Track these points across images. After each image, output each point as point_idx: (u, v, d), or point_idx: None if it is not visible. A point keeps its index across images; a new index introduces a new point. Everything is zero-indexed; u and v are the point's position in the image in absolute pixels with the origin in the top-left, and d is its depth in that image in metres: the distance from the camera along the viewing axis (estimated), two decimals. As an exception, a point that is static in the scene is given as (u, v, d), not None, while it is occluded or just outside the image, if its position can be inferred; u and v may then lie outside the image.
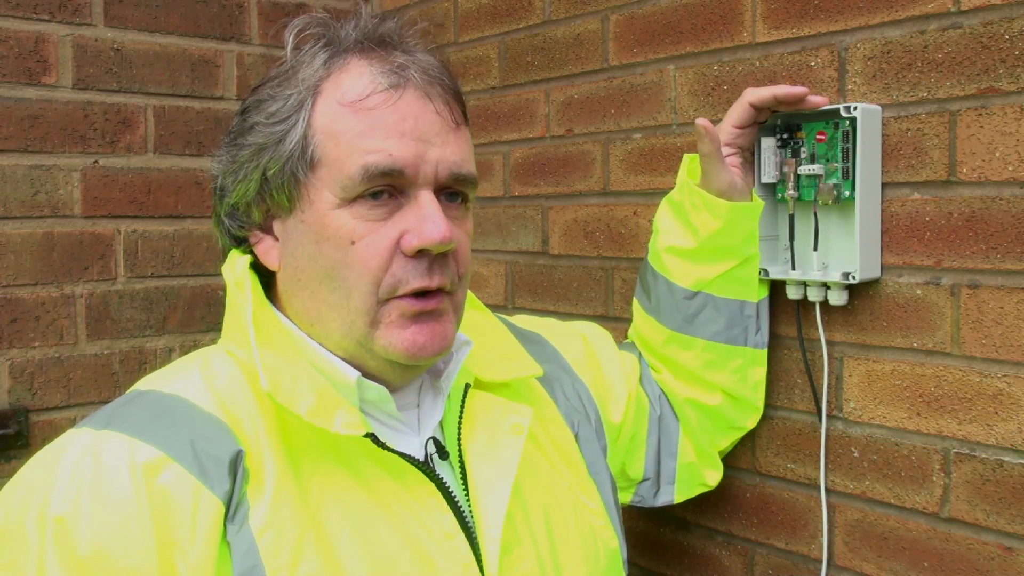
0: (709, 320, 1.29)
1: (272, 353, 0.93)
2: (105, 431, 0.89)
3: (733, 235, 1.27)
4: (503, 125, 1.82)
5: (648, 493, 1.32)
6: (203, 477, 0.86)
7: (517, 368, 1.11)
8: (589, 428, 1.20)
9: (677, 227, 1.30)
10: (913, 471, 1.23)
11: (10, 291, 1.72)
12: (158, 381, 0.97)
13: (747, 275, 1.30)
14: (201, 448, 0.88)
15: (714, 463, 1.38)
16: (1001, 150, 1.13)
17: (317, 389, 0.92)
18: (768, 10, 1.36)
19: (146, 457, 0.86)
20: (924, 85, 1.19)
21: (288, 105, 0.96)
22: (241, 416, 0.92)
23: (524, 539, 1.01)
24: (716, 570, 1.48)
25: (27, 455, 1.71)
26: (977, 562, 1.17)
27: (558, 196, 1.72)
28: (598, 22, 1.62)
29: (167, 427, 0.89)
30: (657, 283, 1.32)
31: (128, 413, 0.92)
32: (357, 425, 0.91)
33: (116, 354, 1.83)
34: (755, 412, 1.36)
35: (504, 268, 1.85)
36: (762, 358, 1.34)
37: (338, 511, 0.91)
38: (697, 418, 1.34)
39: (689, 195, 1.28)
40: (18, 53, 1.71)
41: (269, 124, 0.97)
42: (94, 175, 1.80)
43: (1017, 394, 1.13)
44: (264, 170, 0.97)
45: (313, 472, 0.92)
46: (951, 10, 1.17)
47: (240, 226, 1.02)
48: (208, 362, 0.98)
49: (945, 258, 1.19)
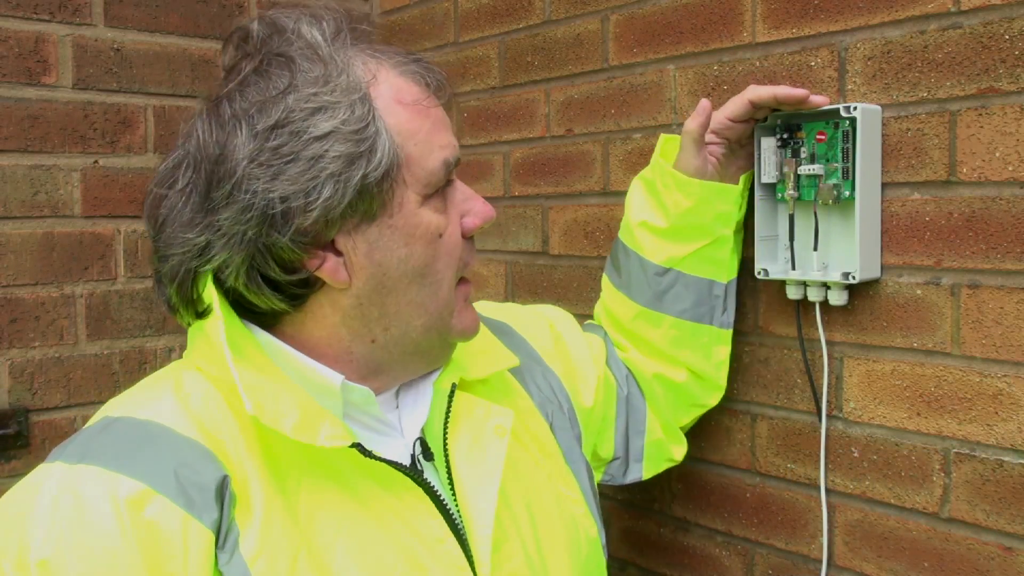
0: (677, 297, 1.31)
1: (249, 371, 0.90)
2: (81, 465, 0.84)
3: (703, 214, 1.29)
4: (503, 125, 1.82)
5: (618, 472, 1.34)
6: (190, 507, 0.83)
7: (496, 361, 1.11)
8: (563, 417, 1.20)
9: (649, 205, 1.33)
10: (913, 471, 1.23)
11: (10, 291, 1.72)
12: (129, 406, 0.92)
13: (718, 255, 1.32)
14: (185, 477, 0.84)
15: (679, 439, 1.39)
16: (1001, 150, 1.13)
17: (299, 403, 0.90)
18: (768, 10, 1.36)
19: (129, 491, 0.82)
20: (924, 85, 1.19)
21: (357, 112, 0.91)
22: (222, 436, 0.89)
23: (511, 535, 1.01)
24: (716, 570, 1.48)
25: (27, 455, 1.72)
26: (977, 562, 1.17)
27: (558, 196, 1.72)
28: (598, 22, 1.62)
29: (147, 457, 0.85)
30: (629, 259, 1.34)
31: (103, 444, 0.87)
32: (342, 436, 0.90)
33: (116, 354, 1.83)
34: (718, 390, 1.38)
35: (504, 268, 1.85)
36: (726, 338, 1.36)
37: (329, 526, 0.90)
38: (663, 394, 1.35)
39: (660, 174, 1.30)
40: (18, 53, 1.71)
41: (350, 133, 0.91)
42: (94, 175, 1.80)
43: (1017, 394, 1.13)
44: (363, 179, 0.91)
45: (300, 488, 0.90)
46: (951, 10, 1.17)
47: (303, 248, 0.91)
48: (180, 382, 0.93)
49: (945, 258, 1.19)
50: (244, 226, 0.89)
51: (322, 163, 0.89)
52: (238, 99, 0.92)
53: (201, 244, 0.91)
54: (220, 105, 0.93)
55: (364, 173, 0.91)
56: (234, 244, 0.90)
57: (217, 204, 0.90)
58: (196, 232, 0.91)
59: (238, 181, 0.89)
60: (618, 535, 1.64)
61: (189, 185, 0.93)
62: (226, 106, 0.92)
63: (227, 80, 0.96)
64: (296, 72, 0.91)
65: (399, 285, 0.96)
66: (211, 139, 0.92)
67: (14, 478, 1.71)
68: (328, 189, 0.90)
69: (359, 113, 0.91)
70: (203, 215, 0.91)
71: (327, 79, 0.92)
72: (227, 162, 0.90)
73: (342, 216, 0.91)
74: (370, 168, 0.91)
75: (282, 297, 0.94)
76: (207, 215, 0.91)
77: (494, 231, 1.85)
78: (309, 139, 0.90)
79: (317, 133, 0.90)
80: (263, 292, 0.93)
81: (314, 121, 0.90)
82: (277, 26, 0.96)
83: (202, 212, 0.91)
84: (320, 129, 0.90)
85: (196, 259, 0.92)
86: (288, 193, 0.89)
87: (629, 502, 1.62)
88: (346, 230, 0.93)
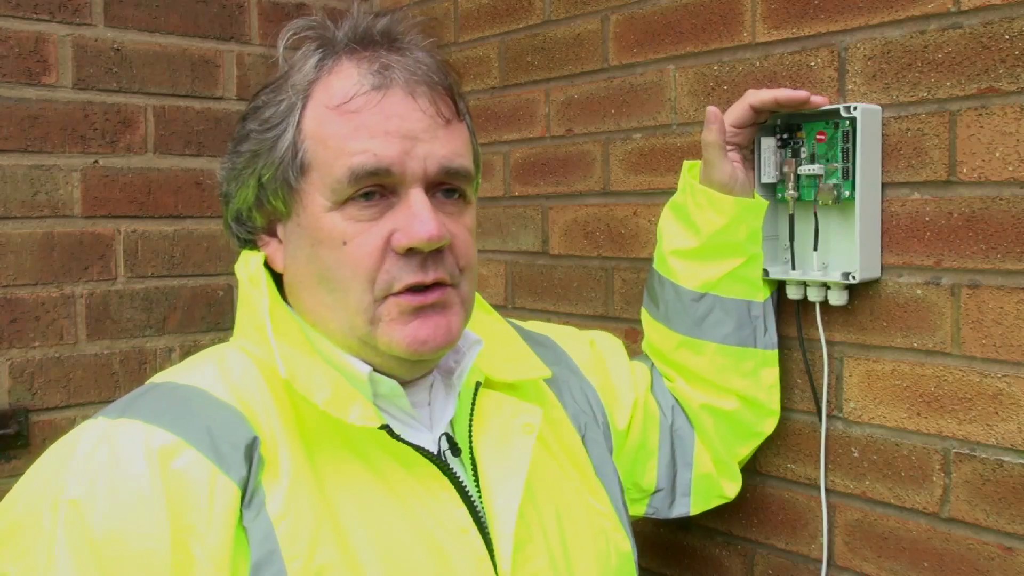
0: (718, 322, 1.29)
1: (288, 347, 0.94)
2: (120, 419, 0.89)
3: (737, 231, 1.26)
4: (503, 125, 1.82)
5: (662, 504, 1.31)
6: (219, 462, 0.86)
7: (525, 370, 1.12)
8: (596, 430, 1.20)
9: (679, 229, 1.30)
10: (913, 471, 1.23)
11: (10, 291, 1.72)
12: (173, 375, 0.98)
13: (752, 274, 1.30)
14: (217, 434, 0.88)
15: (732, 473, 1.35)
16: (1001, 150, 1.13)
17: (332, 382, 0.93)
18: (768, 10, 1.36)
19: (162, 442, 0.86)
20: (924, 85, 1.19)
21: (279, 111, 0.98)
22: (256, 408, 0.93)
23: (536, 536, 1.01)
24: (716, 570, 1.48)
25: (27, 455, 1.72)
26: (977, 562, 1.17)
27: (558, 196, 1.72)
28: (598, 22, 1.62)
29: (183, 414, 0.90)
30: (664, 288, 1.32)
31: (143, 402, 0.92)
32: (372, 417, 0.92)
33: (116, 354, 1.83)
34: (772, 416, 1.34)
35: (504, 268, 1.85)
36: (773, 359, 1.32)
37: (353, 503, 0.91)
38: (714, 425, 1.32)
39: (692, 194, 1.28)
40: (18, 53, 1.71)
41: (262, 131, 0.98)
42: (94, 175, 1.80)
43: (1017, 394, 1.13)
44: (259, 176, 0.99)
45: (328, 463, 0.93)
46: (951, 10, 1.17)
47: (247, 231, 1.04)
48: (224, 358, 0.98)
49: (945, 258, 1.19)
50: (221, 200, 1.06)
51: (241, 156, 1.00)
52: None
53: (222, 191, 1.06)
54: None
55: (260, 169, 0.98)
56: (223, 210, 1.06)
57: None
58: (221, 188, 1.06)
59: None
60: (618, 535, 1.64)
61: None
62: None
63: None
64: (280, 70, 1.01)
65: (308, 283, 0.98)
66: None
67: (14, 478, 1.70)
68: (240, 179, 1.01)
69: (278, 112, 0.98)
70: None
71: (287, 78, 0.99)
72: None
73: (259, 207, 1.00)
74: (265, 166, 0.98)
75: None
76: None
77: (494, 231, 1.85)
78: (244, 133, 1.01)
79: (247, 129, 1.00)
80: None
81: (253, 117, 1.00)
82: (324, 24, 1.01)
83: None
84: (248, 126, 1.00)
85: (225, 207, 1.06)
86: (223, 179, 1.04)
87: (629, 502, 1.62)
88: (279, 220, 1.01)
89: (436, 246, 0.95)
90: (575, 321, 1.70)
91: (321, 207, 0.95)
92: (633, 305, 1.59)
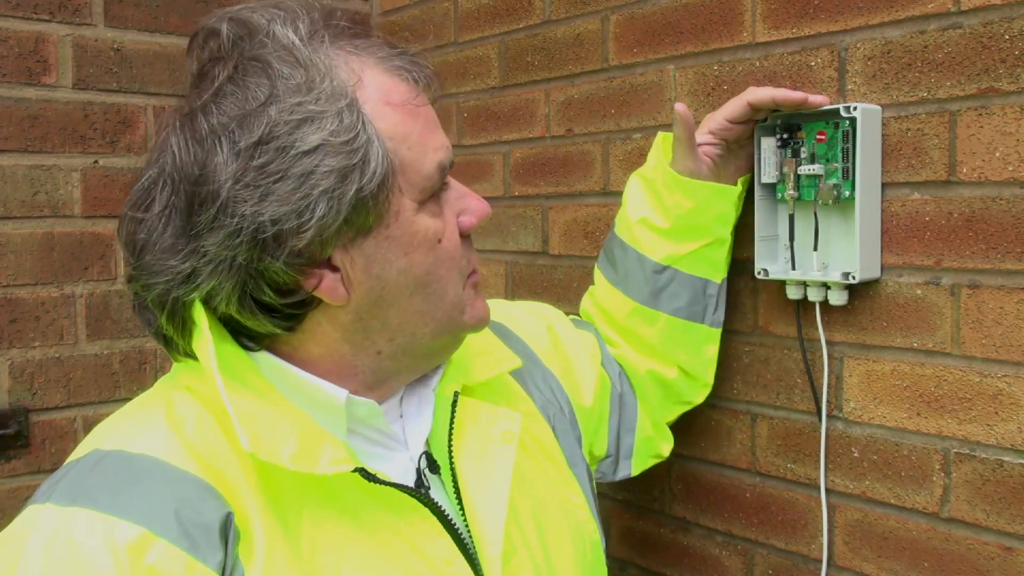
0: (674, 295, 1.31)
1: (243, 398, 0.85)
2: (74, 508, 0.79)
3: (704, 214, 1.29)
4: (503, 125, 1.82)
5: (608, 469, 1.33)
6: (193, 550, 0.78)
7: (498, 363, 1.08)
8: (564, 420, 1.19)
9: (649, 203, 1.32)
10: (913, 471, 1.23)
11: (10, 291, 1.72)
12: (120, 436, 0.87)
13: (716, 256, 1.32)
14: (187, 516, 0.79)
15: (666, 435, 1.40)
16: (1001, 150, 1.13)
17: (297, 429, 0.86)
18: (768, 10, 1.36)
19: (128, 538, 0.77)
20: (924, 85, 1.19)
21: (346, 120, 0.85)
22: (220, 466, 0.84)
23: (519, 547, 0.99)
24: (716, 570, 1.48)
25: (27, 455, 1.72)
26: (977, 562, 1.17)
27: (558, 196, 1.72)
28: (598, 22, 1.62)
29: (144, 496, 0.80)
30: (627, 255, 1.33)
31: (95, 483, 0.82)
32: (344, 460, 0.86)
33: (116, 354, 1.83)
34: (705, 388, 1.39)
35: (504, 268, 1.85)
36: (716, 336, 1.36)
37: (332, 557, 0.86)
38: (654, 391, 1.35)
39: (662, 175, 1.29)
40: (18, 53, 1.71)
41: (340, 144, 0.84)
42: (94, 175, 1.80)
43: (1017, 394, 1.13)
44: (358, 193, 0.85)
45: (301, 519, 0.86)
46: (951, 10, 1.17)
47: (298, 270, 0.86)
48: (171, 405, 0.88)
49: (945, 258, 1.19)
50: (233, 251, 0.83)
51: (313, 179, 0.83)
52: (215, 112, 0.84)
53: (186, 271, 0.85)
54: (195, 118, 0.85)
55: (359, 187, 0.85)
56: (223, 270, 0.84)
57: (201, 228, 0.83)
58: (180, 259, 0.85)
59: (223, 204, 0.82)
60: (618, 535, 1.64)
61: (168, 207, 0.86)
62: (202, 120, 0.85)
63: (199, 88, 0.88)
64: (276, 79, 0.85)
65: (400, 296, 0.92)
66: (189, 157, 0.84)
67: (14, 478, 1.71)
68: (322, 207, 0.83)
69: (348, 121, 0.85)
70: (186, 240, 0.85)
71: (310, 86, 0.85)
72: (209, 183, 0.83)
73: (338, 232, 0.86)
74: (365, 180, 0.85)
75: (277, 319, 0.89)
76: (190, 240, 0.84)
77: (494, 231, 1.85)
78: (297, 154, 0.83)
79: (305, 148, 0.83)
80: (257, 316, 0.88)
81: (300, 134, 0.83)
82: (249, 26, 0.89)
83: (184, 237, 0.85)
84: (308, 143, 0.83)
85: (182, 287, 0.86)
86: (279, 215, 0.83)
87: (629, 502, 1.62)
88: (342, 245, 0.87)
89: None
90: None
91: (411, 210, 0.91)
92: (633, 305, 1.59)
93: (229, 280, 0.85)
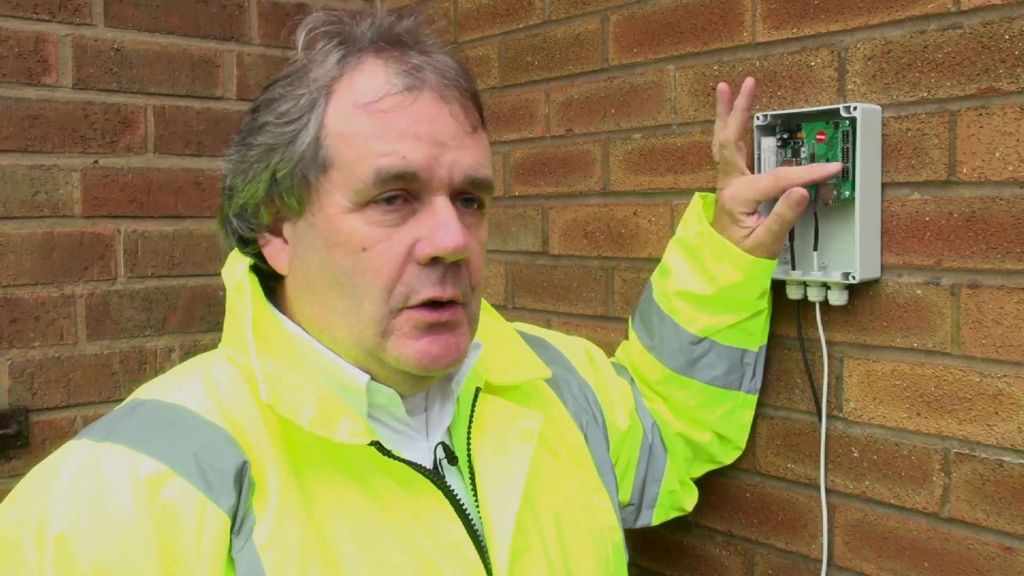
0: (710, 365, 1.30)
1: (273, 361, 0.91)
2: (105, 443, 0.86)
3: (751, 289, 1.26)
4: (503, 125, 1.82)
5: (629, 517, 1.32)
6: (208, 491, 0.84)
7: (527, 370, 1.10)
8: (597, 429, 1.20)
9: (692, 272, 1.28)
10: (913, 471, 1.23)
11: (10, 291, 1.72)
12: (158, 390, 0.94)
13: (755, 327, 1.31)
14: (205, 460, 0.85)
15: (691, 489, 1.40)
16: (1001, 150, 1.13)
17: (320, 397, 0.90)
18: (768, 10, 1.36)
19: (148, 472, 0.83)
20: (924, 85, 1.19)
21: (300, 105, 0.93)
22: (245, 424, 0.90)
23: (535, 545, 1.00)
24: (716, 570, 1.48)
25: (27, 455, 1.72)
26: (977, 562, 1.17)
27: (558, 196, 1.72)
28: (598, 22, 1.62)
29: (170, 439, 0.87)
30: (664, 324, 1.31)
31: (129, 424, 0.89)
32: (361, 433, 0.89)
33: (116, 354, 1.83)
34: (737, 451, 1.39)
35: (504, 268, 1.85)
36: (752, 402, 1.36)
37: (343, 524, 0.89)
38: (684, 450, 1.36)
39: (709, 242, 1.26)
40: (18, 53, 1.71)
41: (280, 124, 0.94)
42: (94, 175, 1.80)
43: (1017, 394, 1.13)
44: (274, 171, 0.94)
45: (317, 483, 0.90)
46: (951, 10, 1.17)
47: (249, 228, 0.98)
48: (209, 369, 0.95)
49: (945, 258, 1.19)
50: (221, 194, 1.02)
51: (254, 149, 0.96)
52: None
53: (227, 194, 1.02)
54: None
55: (274, 165, 0.94)
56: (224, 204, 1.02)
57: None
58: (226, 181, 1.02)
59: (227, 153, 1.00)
60: (618, 535, 1.64)
61: None
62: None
63: None
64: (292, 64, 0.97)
65: (319, 287, 0.94)
66: None
67: (14, 478, 1.71)
68: (251, 173, 0.96)
69: (300, 106, 0.93)
70: None
71: (304, 73, 0.95)
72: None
73: (269, 204, 0.96)
74: (281, 161, 0.94)
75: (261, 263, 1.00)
76: None
77: (494, 231, 1.85)
78: (258, 125, 0.96)
79: (261, 121, 0.96)
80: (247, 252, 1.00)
81: (268, 109, 0.96)
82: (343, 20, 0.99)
83: None
84: (263, 118, 0.96)
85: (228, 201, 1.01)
86: (228, 171, 0.99)
87: (629, 502, 1.63)
88: (288, 219, 0.96)
89: (460, 257, 0.92)
90: (575, 321, 1.70)
91: (340, 208, 0.91)
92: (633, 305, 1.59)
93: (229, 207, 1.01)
